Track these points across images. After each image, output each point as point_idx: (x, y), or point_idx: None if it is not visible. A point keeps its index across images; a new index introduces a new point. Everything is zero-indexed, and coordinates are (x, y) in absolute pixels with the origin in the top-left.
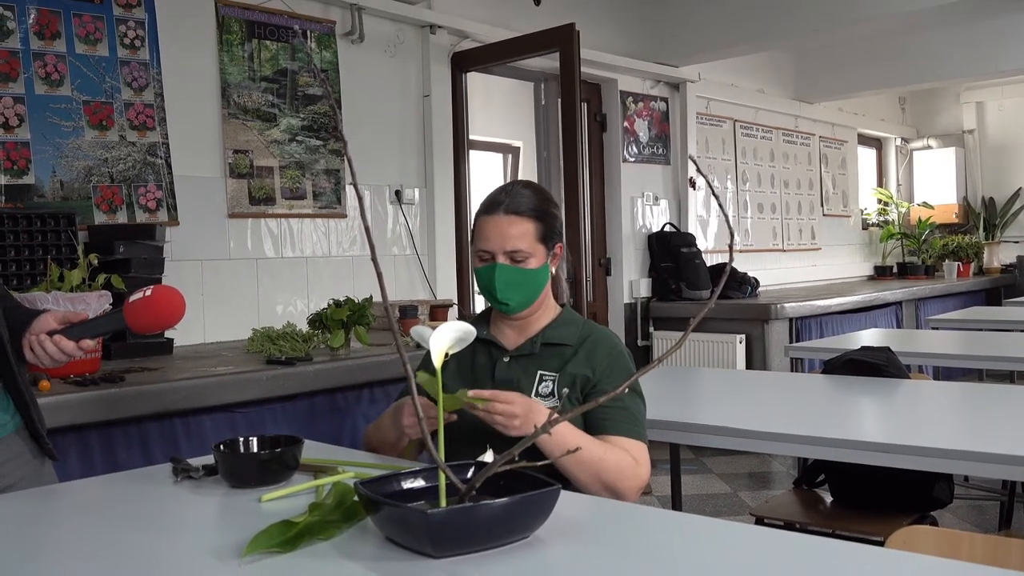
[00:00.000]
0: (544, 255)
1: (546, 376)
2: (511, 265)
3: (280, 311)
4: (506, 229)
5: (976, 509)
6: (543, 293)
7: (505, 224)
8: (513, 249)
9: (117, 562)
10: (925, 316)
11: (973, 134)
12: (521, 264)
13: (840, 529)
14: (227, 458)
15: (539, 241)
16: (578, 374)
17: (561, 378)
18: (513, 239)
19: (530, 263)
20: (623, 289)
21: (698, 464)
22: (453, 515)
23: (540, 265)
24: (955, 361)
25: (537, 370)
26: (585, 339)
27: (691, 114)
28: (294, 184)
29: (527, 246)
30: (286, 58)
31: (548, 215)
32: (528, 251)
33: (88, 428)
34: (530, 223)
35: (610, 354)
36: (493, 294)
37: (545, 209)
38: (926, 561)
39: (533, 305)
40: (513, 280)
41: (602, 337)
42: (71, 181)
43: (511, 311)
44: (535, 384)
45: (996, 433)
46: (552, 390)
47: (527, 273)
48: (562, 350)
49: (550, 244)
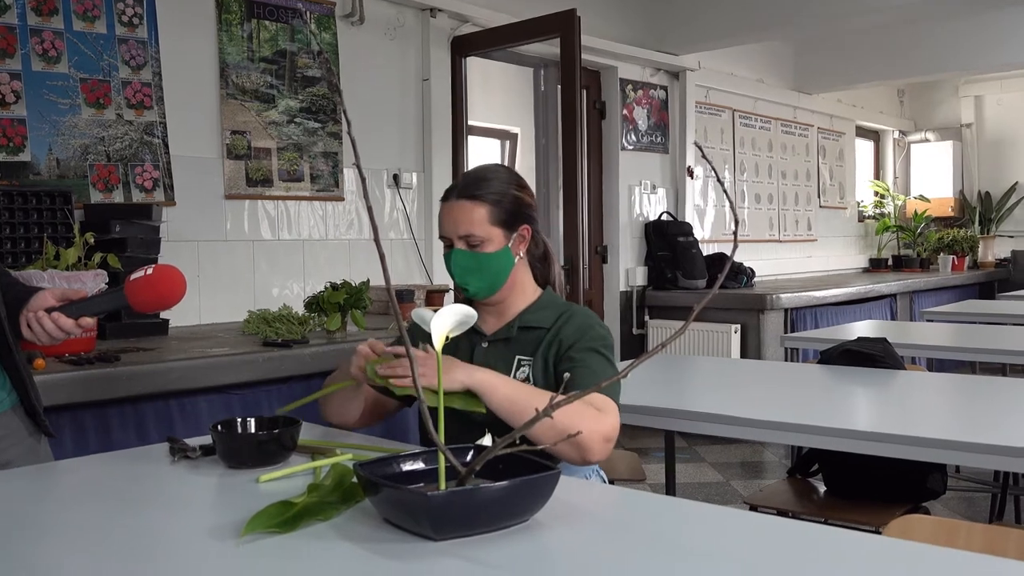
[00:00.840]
0: (503, 239)
1: (523, 361)
2: (467, 250)
3: (276, 294)
4: (458, 214)
5: (967, 501)
6: (512, 277)
7: (457, 209)
8: (466, 234)
9: (115, 540)
10: (919, 309)
11: (971, 128)
12: (477, 249)
13: (833, 518)
14: (225, 438)
15: (496, 225)
16: (550, 351)
17: (536, 361)
18: (465, 224)
19: (486, 247)
20: (619, 277)
21: (691, 453)
22: (453, 497)
23: (499, 249)
24: (949, 353)
25: (515, 355)
26: (559, 318)
27: (690, 103)
28: (292, 166)
29: (480, 231)
30: (285, 39)
31: (508, 197)
32: (482, 235)
33: (83, 407)
34: (484, 207)
35: (580, 326)
36: (453, 280)
37: (503, 191)
38: (924, 549)
39: (503, 289)
40: (469, 265)
41: (576, 313)
42: (67, 159)
43: (474, 296)
44: (513, 370)
45: (989, 424)
46: (528, 375)
47: (483, 258)
48: (538, 333)
49: (511, 227)
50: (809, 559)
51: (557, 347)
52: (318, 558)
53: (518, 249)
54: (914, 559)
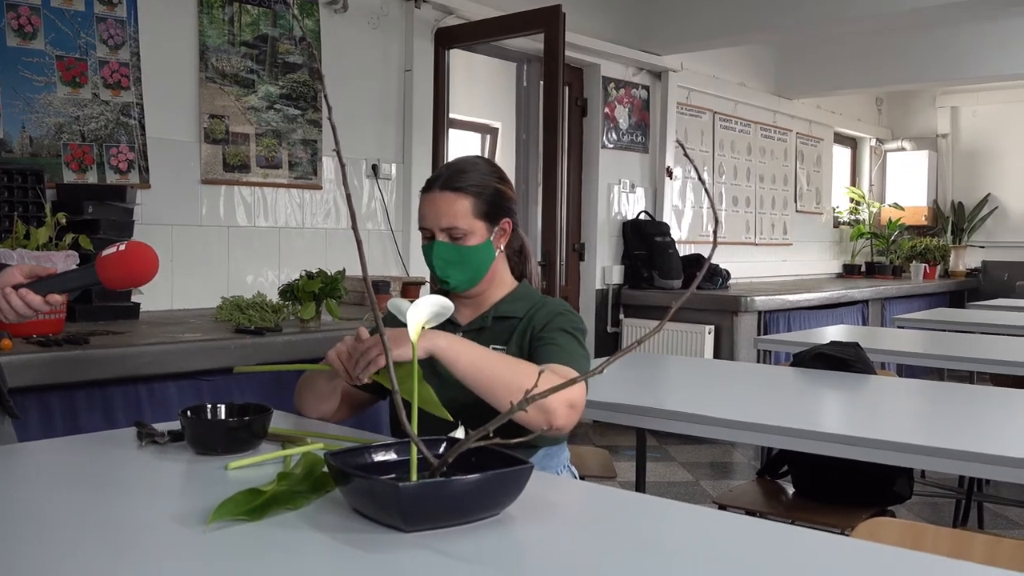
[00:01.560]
0: (486, 232)
1: (497, 349)
2: (449, 243)
3: (250, 281)
4: (441, 206)
5: (931, 506)
6: (491, 269)
7: (440, 201)
8: (449, 226)
9: (80, 524)
10: (890, 315)
11: (946, 138)
12: (459, 241)
13: (801, 520)
14: (194, 424)
15: (478, 218)
16: (524, 338)
17: (510, 349)
18: (448, 216)
19: (469, 240)
20: (596, 275)
21: (661, 452)
22: (425, 489)
23: (481, 242)
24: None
25: (489, 344)
26: (532, 307)
27: (672, 104)
28: (270, 152)
29: (464, 223)
30: (267, 24)
31: (491, 191)
32: (465, 228)
33: (50, 390)
34: (467, 199)
35: (552, 311)
36: (433, 272)
37: (486, 184)
38: (892, 552)
39: (482, 282)
40: (451, 258)
41: (549, 302)
42: (41, 137)
43: (454, 289)
44: None
45: (956, 430)
46: None
47: (465, 251)
48: (512, 322)
49: (493, 220)
50: (778, 559)
51: (530, 333)
52: (286, 547)
53: (499, 242)
54: (882, 561)
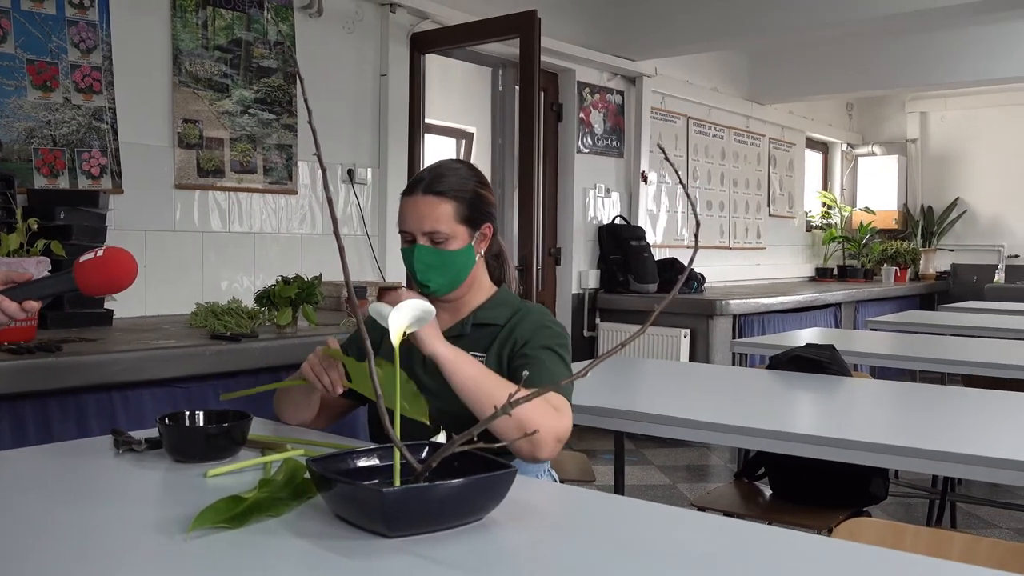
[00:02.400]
0: (467, 236)
1: (476, 356)
2: (430, 247)
3: (225, 287)
4: (423, 209)
5: (905, 506)
6: (471, 274)
7: (423, 204)
8: (431, 230)
9: (57, 534)
10: (863, 318)
11: (916, 143)
12: (441, 245)
13: (778, 521)
14: (172, 432)
15: (460, 222)
16: (504, 348)
17: (489, 358)
18: (431, 220)
19: (451, 244)
20: (572, 279)
21: (638, 455)
22: (408, 494)
23: (462, 246)
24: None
25: (468, 351)
26: (513, 315)
27: (646, 108)
28: (244, 157)
29: (446, 227)
30: (241, 28)
31: (472, 195)
32: (447, 232)
33: (22, 398)
34: (449, 204)
35: (535, 323)
36: (414, 276)
37: (468, 188)
38: (873, 551)
39: (462, 287)
40: (432, 262)
41: (531, 311)
42: (11, 142)
43: (434, 293)
44: None
45: (931, 430)
46: None
47: (447, 255)
48: (492, 330)
49: (475, 225)
50: (761, 559)
51: (512, 345)
52: (268, 554)
53: (479, 247)
54: (864, 561)
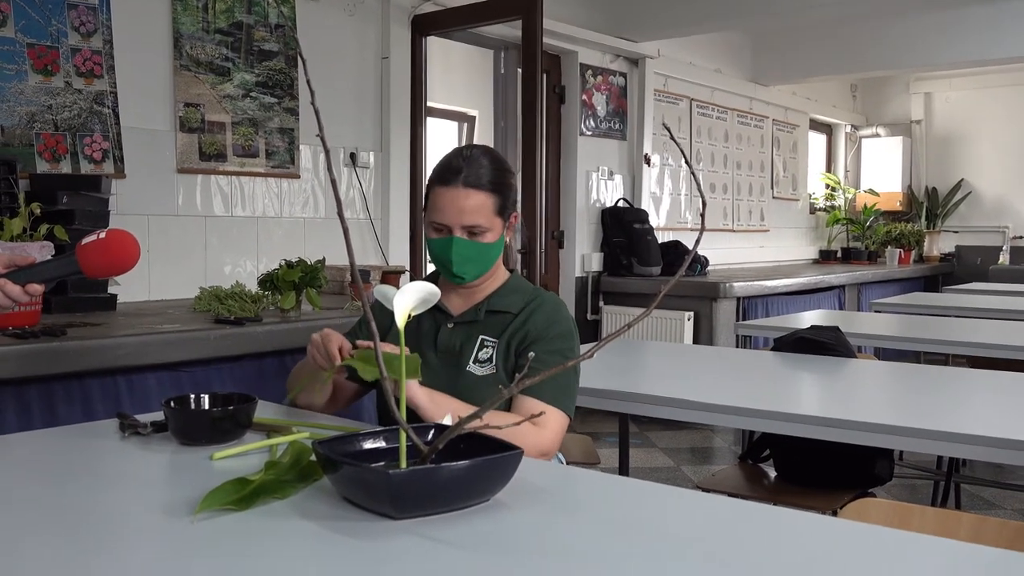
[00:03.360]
0: (501, 227)
1: (487, 342)
2: (468, 239)
3: (228, 271)
4: (464, 203)
5: (909, 488)
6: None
7: (463, 198)
8: (472, 224)
9: (65, 517)
10: (867, 300)
11: (920, 124)
12: (478, 238)
13: (783, 503)
14: (178, 415)
15: (496, 214)
16: (515, 337)
17: (500, 344)
18: (471, 214)
19: (487, 237)
20: (575, 262)
21: (642, 438)
22: (415, 476)
23: (497, 238)
24: (896, 343)
25: (479, 335)
26: (528, 304)
27: (649, 90)
28: (246, 141)
29: (485, 221)
30: (242, 11)
31: (505, 186)
32: (486, 226)
33: (27, 382)
34: (489, 196)
35: (548, 317)
36: (448, 268)
37: (503, 180)
38: (881, 531)
39: (485, 275)
40: (470, 255)
41: (545, 301)
42: (12, 127)
43: (464, 283)
44: (475, 349)
45: (935, 411)
46: (491, 356)
47: (484, 247)
48: (505, 317)
49: (506, 215)
50: (769, 540)
51: (523, 336)
52: (275, 536)
53: (508, 236)
54: (872, 541)
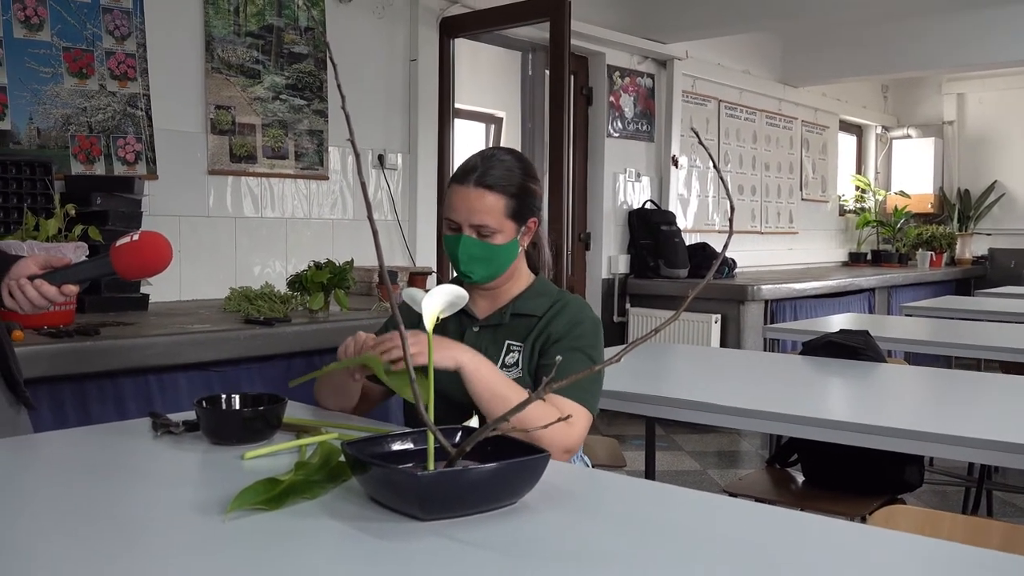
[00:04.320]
0: (514, 231)
1: (513, 346)
2: (476, 239)
3: (258, 272)
4: (474, 202)
5: (940, 495)
6: (512, 266)
7: (474, 197)
8: (479, 224)
9: (99, 513)
10: (897, 304)
11: (952, 125)
12: (487, 239)
13: (811, 508)
14: (210, 414)
15: (509, 217)
16: (539, 340)
17: (525, 348)
18: (480, 214)
19: (496, 239)
20: (602, 264)
21: (668, 441)
22: (443, 478)
23: (508, 241)
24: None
25: (505, 340)
26: (552, 306)
27: (677, 92)
28: (276, 143)
29: (494, 222)
30: (273, 14)
31: (523, 190)
32: (495, 227)
33: (61, 381)
34: (501, 199)
35: (571, 319)
36: (457, 265)
37: (520, 184)
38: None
39: (501, 277)
40: (477, 254)
41: (569, 303)
42: (48, 129)
43: (474, 282)
44: (502, 354)
45: (966, 417)
46: (517, 360)
47: (492, 248)
48: (530, 320)
49: (522, 220)
50: (796, 546)
51: (546, 338)
52: (304, 536)
53: (524, 240)
54: (900, 548)
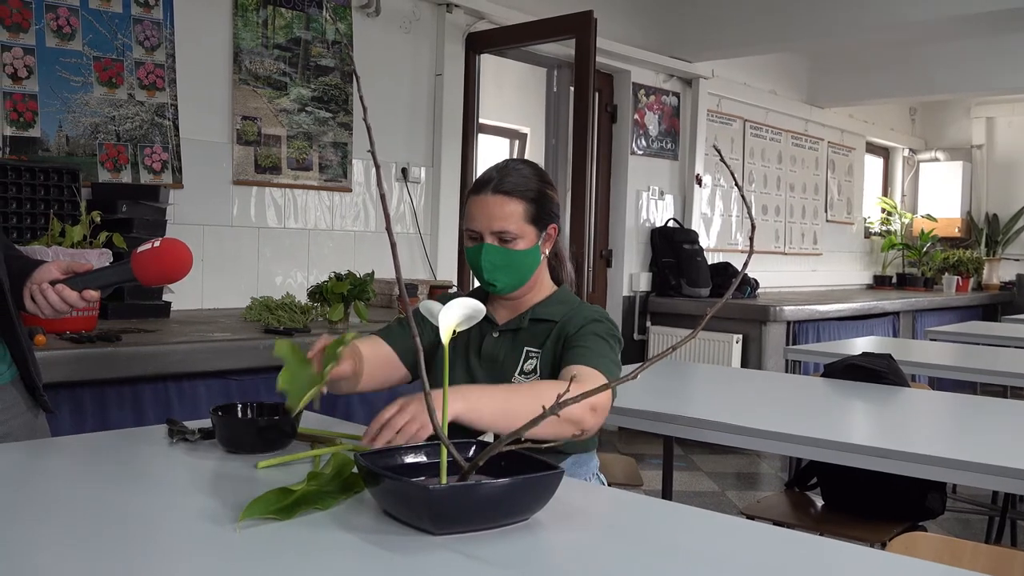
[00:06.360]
0: (535, 236)
1: (532, 352)
2: (498, 246)
3: (279, 282)
4: (494, 209)
5: (962, 522)
6: (535, 274)
7: (493, 204)
8: (500, 230)
9: (113, 518)
10: (922, 328)
11: (981, 149)
12: (509, 245)
13: (830, 533)
14: (225, 423)
15: (529, 222)
16: (558, 343)
17: (544, 353)
18: (500, 220)
19: (518, 244)
20: (623, 282)
21: (687, 461)
22: (455, 492)
23: (530, 247)
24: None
25: (524, 346)
26: (569, 311)
27: (702, 111)
28: (301, 155)
29: (515, 227)
30: (300, 27)
31: (540, 195)
32: (516, 232)
33: (81, 386)
34: (519, 204)
35: (587, 317)
36: (480, 274)
37: (537, 189)
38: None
39: (525, 286)
40: (500, 262)
41: (586, 308)
42: (77, 137)
43: (499, 292)
44: (520, 361)
45: (990, 445)
46: (536, 367)
47: (514, 255)
48: (548, 326)
49: (542, 225)
50: (812, 570)
51: (564, 339)
52: (315, 547)
53: (545, 247)
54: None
